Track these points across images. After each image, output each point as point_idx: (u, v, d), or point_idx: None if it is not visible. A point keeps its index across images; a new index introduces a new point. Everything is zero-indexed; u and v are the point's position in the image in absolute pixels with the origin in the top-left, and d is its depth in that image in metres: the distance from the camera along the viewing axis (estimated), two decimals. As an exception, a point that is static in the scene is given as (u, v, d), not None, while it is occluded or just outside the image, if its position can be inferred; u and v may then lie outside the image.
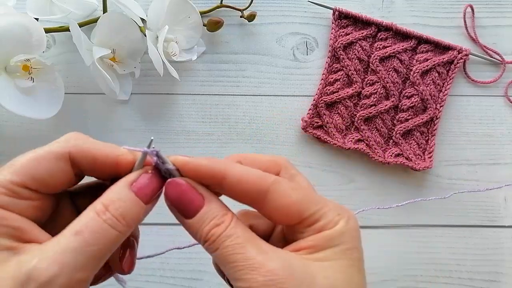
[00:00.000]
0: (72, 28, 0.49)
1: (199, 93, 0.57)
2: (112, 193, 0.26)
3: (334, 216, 0.27)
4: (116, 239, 0.25)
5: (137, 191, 0.26)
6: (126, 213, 0.25)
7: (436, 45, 0.56)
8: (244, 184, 0.27)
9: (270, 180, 0.27)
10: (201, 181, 0.27)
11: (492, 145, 0.57)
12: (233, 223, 0.26)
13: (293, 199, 0.27)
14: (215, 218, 0.26)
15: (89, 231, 0.24)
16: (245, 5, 0.57)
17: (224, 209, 0.27)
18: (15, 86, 0.49)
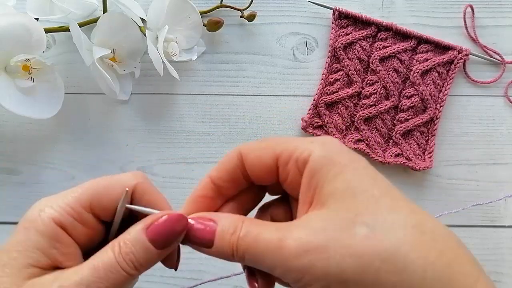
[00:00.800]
0: (72, 28, 0.49)
1: (199, 93, 0.57)
2: (128, 234, 0.26)
3: (306, 145, 0.26)
4: (124, 280, 0.25)
5: (151, 236, 0.26)
6: (136, 258, 0.26)
7: (436, 45, 0.56)
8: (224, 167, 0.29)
9: (237, 148, 0.28)
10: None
11: (492, 145, 0.57)
12: (246, 223, 0.26)
13: (262, 146, 0.28)
14: (229, 229, 0.26)
15: (103, 268, 0.25)
16: (245, 5, 0.57)
17: (235, 216, 0.27)
18: (15, 86, 0.49)
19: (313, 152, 0.25)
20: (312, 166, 0.25)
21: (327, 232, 0.23)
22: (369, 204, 0.24)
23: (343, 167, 0.25)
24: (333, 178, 0.24)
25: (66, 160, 0.56)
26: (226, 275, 0.53)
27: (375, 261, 0.22)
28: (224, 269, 0.53)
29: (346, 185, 0.24)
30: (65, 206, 0.27)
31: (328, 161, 0.25)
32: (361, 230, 0.23)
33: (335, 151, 0.25)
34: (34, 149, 0.56)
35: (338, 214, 0.24)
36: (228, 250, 0.26)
